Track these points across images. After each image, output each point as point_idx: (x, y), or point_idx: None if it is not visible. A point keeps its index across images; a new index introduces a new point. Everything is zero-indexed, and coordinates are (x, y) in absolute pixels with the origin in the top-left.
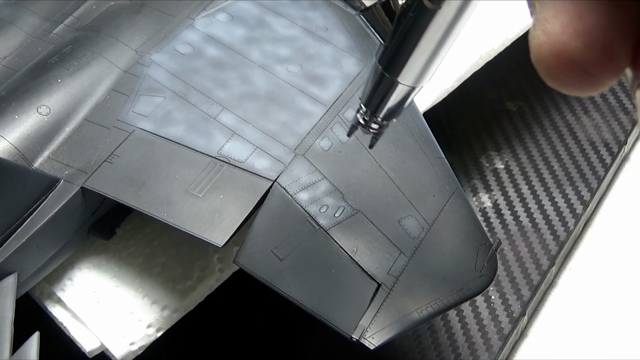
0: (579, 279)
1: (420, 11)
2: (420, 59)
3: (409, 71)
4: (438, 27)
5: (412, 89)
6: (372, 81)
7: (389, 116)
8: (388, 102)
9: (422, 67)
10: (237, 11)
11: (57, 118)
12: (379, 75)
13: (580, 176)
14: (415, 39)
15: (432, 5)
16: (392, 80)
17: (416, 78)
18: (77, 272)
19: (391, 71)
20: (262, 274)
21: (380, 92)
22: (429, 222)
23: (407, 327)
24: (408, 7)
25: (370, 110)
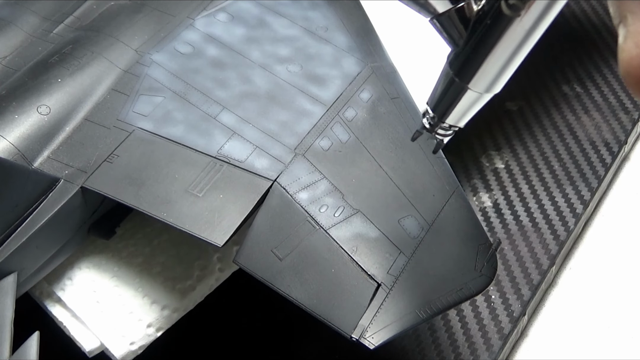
0: (579, 278)
1: (497, 18)
2: (494, 67)
3: (481, 78)
4: (515, 35)
5: (482, 96)
6: (441, 86)
7: (455, 122)
8: (456, 108)
9: (495, 74)
10: (237, 11)
11: (57, 118)
12: (450, 80)
13: (581, 176)
14: (490, 45)
15: (510, 12)
16: (463, 86)
17: (488, 85)
18: (77, 272)
19: (462, 77)
20: (261, 274)
21: (450, 97)
22: (428, 222)
23: (407, 326)
24: (484, 14)
25: (437, 115)
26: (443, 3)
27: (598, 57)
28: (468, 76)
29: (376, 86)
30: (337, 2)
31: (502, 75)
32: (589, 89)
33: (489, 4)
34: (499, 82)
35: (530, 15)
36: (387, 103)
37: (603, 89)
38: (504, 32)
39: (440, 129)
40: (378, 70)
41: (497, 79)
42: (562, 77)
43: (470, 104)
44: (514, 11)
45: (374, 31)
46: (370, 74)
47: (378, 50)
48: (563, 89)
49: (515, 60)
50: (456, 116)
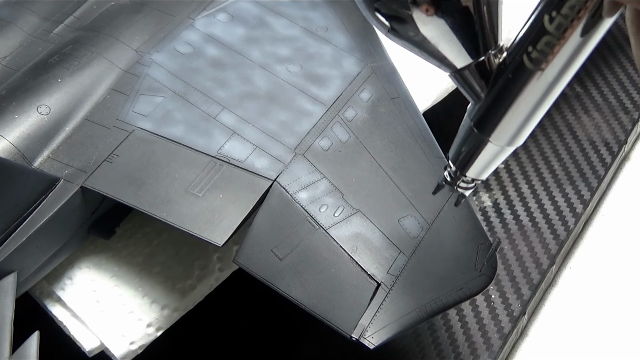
0: (579, 278)
1: (519, 72)
2: (516, 120)
3: (502, 131)
4: (537, 88)
5: (504, 149)
6: (462, 139)
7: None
8: (477, 161)
9: (517, 127)
10: (237, 11)
11: (57, 117)
12: (470, 133)
13: (581, 175)
14: (511, 98)
15: (532, 66)
16: (483, 139)
17: (510, 138)
18: (76, 272)
19: (483, 130)
20: (261, 273)
21: (471, 150)
22: (428, 222)
23: (406, 326)
24: (506, 67)
25: (458, 169)
26: (463, 58)
27: (598, 58)
28: (489, 129)
29: (376, 86)
30: (337, 2)
31: (525, 128)
32: (589, 89)
33: (511, 58)
34: (521, 135)
35: (553, 68)
36: (387, 103)
37: (603, 89)
38: (526, 85)
39: (462, 182)
40: (378, 70)
41: (519, 132)
42: None
43: (491, 157)
44: (536, 65)
45: (374, 31)
46: (370, 73)
47: (378, 50)
48: None
49: (538, 113)
50: (477, 169)
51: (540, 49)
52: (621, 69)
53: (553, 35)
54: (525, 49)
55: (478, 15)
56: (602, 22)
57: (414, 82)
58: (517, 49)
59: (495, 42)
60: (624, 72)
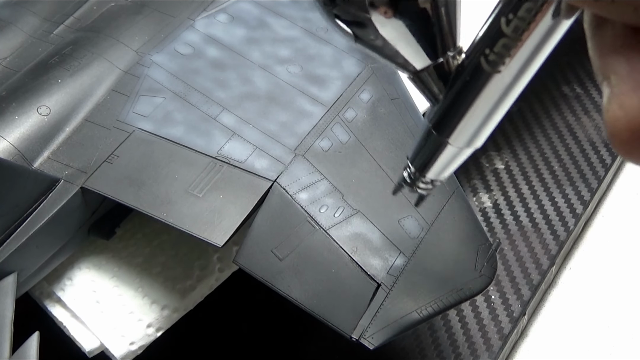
0: (579, 278)
1: (476, 74)
2: (474, 122)
3: (461, 133)
4: (495, 91)
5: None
6: (420, 140)
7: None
8: (436, 163)
9: (475, 129)
10: (238, 12)
11: (57, 118)
12: (429, 134)
13: (581, 176)
14: (469, 100)
15: (490, 68)
16: (442, 140)
17: (468, 140)
18: (77, 272)
19: (441, 131)
20: (261, 274)
21: (429, 151)
22: (428, 222)
23: (406, 327)
24: (463, 69)
25: (417, 169)
26: (421, 59)
27: None
28: (448, 131)
29: (376, 87)
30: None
31: (483, 130)
32: (589, 89)
33: (469, 60)
34: (479, 136)
35: (510, 70)
36: (387, 104)
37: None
38: (484, 87)
39: (422, 182)
40: (378, 71)
41: (477, 133)
42: (562, 78)
43: (450, 158)
44: (493, 67)
45: None
46: (370, 74)
47: None
48: (563, 90)
49: (496, 115)
50: (436, 171)
51: (497, 51)
52: None
53: (510, 37)
54: (483, 51)
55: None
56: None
57: None
58: (475, 51)
59: (454, 44)
60: None
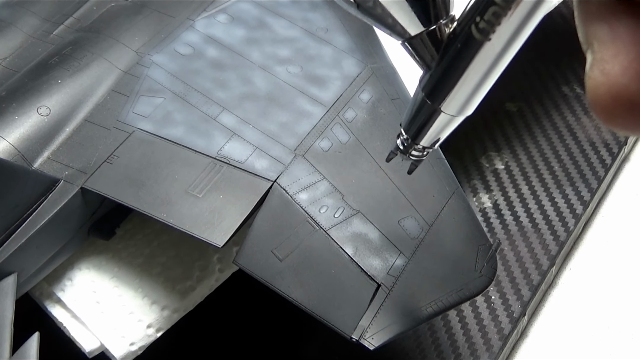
0: (579, 279)
1: (468, 42)
2: (465, 89)
3: (452, 100)
4: (486, 59)
5: (455, 118)
6: (414, 108)
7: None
8: (429, 130)
9: (466, 97)
10: (237, 12)
11: (57, 119)
12: (422, 102)
13: (581, 176)
14: (461, 69)
15: (480, 36)
16: (435, 108)
17: (459, 108)
18: (77, 273)
19: (434, 99)
20: (261, 274)
21: (422, 119)
22: (428, 223)
23: (407, 327)
24: (455, 37)
25: (410, 137)
26: (414, 26)
27: None
28: (440, 99)
29: (376, 87)
30: (337, 3)
31: (474, 97)
32: None
33: (460, 28)
34: (471, 104)
35: (500, 38)
36: (387, 104)
37: None
38: (475, 55)
39: (414, 150)
40: (378, 71)
41: (469, 101)
42: (561, 78)
43: (442, 126)
44: (484, 35)
45: (373, 32)
46: (370, 75)
47: (378, 51)
48: (563, 90)
49: (487, 83)
50: (429, 138)
51: (487, 19)
52: None
53: (499, 5)
54: (473, 19)
55: None
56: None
57: (413, 83)
58: (466, 20)
59: (447, 12)
60: None
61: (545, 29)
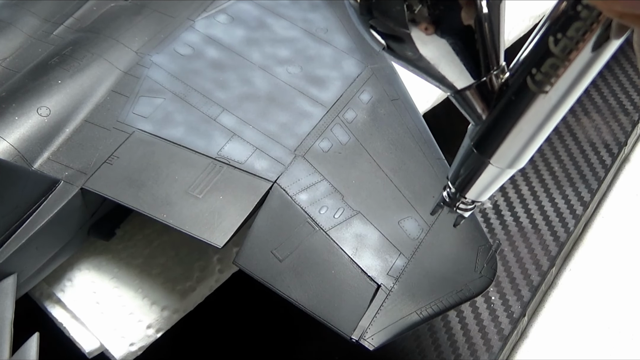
0: (579, 279)
1: (522, 93)
2: (518, 142)
3: (503, 153)
4: (540, 111)
5: (505, 171)
6: (462, 160)
7: (476, 197)
8: (477, 183)
9: (518, 150)
10: (237, 12)
11: (57, 119)
12: (470, 154)
13: (580, 177)
14: (513, 121)
15: (536, 88)
16: (484, 160)
17: (511, 161)
18: (76, 273)
19: (484, 152)
20: (261, 275)
21: (470, 172)
22: (428, 223)
23: (407, 328)
24: (508, 88)
25: (457, 190)
26: (464, 78)
27: None
28: (490, 151)
29: (376, 88)
30: (336, 3)
31: (526, 151)
32: (589, 90)
33: (514, 79)
34: (522, 157)
35: (557, 91)
36: (387, 104)
37: (603, 91)
38: (529, 107)
39: (462, 203)
40: (378, 71)
41: (520, 154)
42: None
43: (492, 179)
44: (540, 87)
45: None
46: (370, 75)
47: None
48: None
49: (540, 136)
50: (477, 191)
51: (544, 71)
52: (621, 70)
53: (558, 57)
54: (529, 70)
55: (480, 35)
56: (609, 44)
57: (413, 84)
58: (521, 71)
59: (498, 62)
60: (624, 74)
61: None
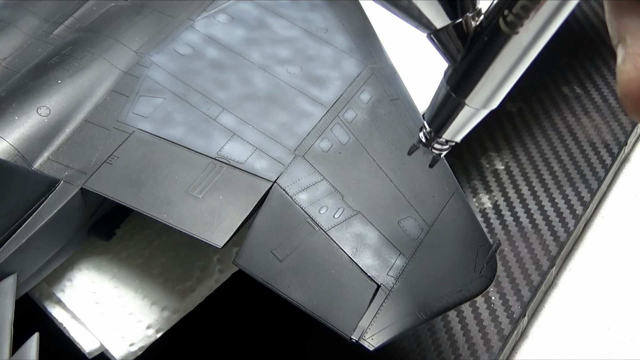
0: (579, 279)
1: (495, 35)
2: (492, 83)
3: (478, 94)
4: (513, 52)
5: (479, 112)
6: (438, 101)
7: (452, 137)
8: (453, 123)
9: (492, 90)
10: (237, 12)
11: (57, 119)
12: (446, 95)
13: (581, 177)
14: (487, 62)
15: (508, 29)
16: (459, 101)
17: (485, 101)
18: (76, 273)
19: (459, 93)
20: (261, 275)
21: (446, 112)
22: (428, 223)
23: (407, 328)
24: (482, 30)
25: (433, 130)
26: (441, 19)
27: (598, 58)
28: (465, 92)
29: (376, 87)
30: (336, 3)
31: (500, 91)
32: (589, 90)
33: (487, 21)
34: (496, 98)
35: (528, 32)
36: (387, 104)
37: (603, 90)
38: (502, 48)
39: (437, 143)
40: (378, 71)
41: (494, 95)
42: (561, 79)
43: (466, 119)
44: (512, 28)
45: (373, 32)
46: (370, 75)
47: (378, 52)
48: (563, 90)
49: (513, 77)
50: (453, 131)
51: (515, 12)
52: None
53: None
54: (501, 12)
55: None
56: None
57: (414, 84)
58: (494, 13)
59: (474, 5)
60: None
61: None
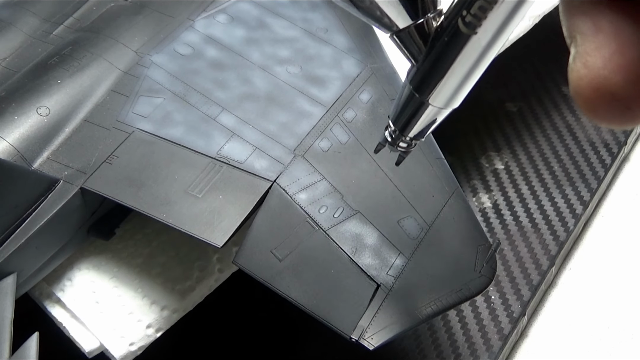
0: (578, 279)
1: (455, 35)
2: (452, 82)
3: (440, 93)
4: (472, 52)
5: (442, 111)
6: (401, 100)
7: (416, 136)
8: (416, 123)
9: (453, 90)
10: (237, 12)
11: (57, 119)
12: (409, 95)
13: (580, 176)
14: (448, 61)
15: (467, 30)
16: (422, 101)
17: (446, 100)
18: (76, 273)
19: (422, 92)
20: (261, 275)
21: (410, 112)
22: (428, 223)
23: (406, 327)
24: (442, 31)
25: (398, 129)
26: (402, 19)
27: None
28: (427, 91)
29: (376, 87)
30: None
31: (461, 90)
32: None
33: (447, 21)
34: (457, 97)
35: (487, 32)
36: (387, 104)
37: None
38: (462, 49)
39: (402, 142)
40: (378, 71)
41: (456, 94)
42: (561, 78)
43: (430, 118)
44: (471, 29)
45: (373, 32)
46: (370, 75)
47: (378, 51)
48: (563, 90)
49: (474, 76)
50: (417, 130)
51: (473, 13)
52: None
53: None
54: (460, 13)
55: None
56: None
57: None
58: (453, 13)
59: (435, 6)
60: None
61: (545, 29)
